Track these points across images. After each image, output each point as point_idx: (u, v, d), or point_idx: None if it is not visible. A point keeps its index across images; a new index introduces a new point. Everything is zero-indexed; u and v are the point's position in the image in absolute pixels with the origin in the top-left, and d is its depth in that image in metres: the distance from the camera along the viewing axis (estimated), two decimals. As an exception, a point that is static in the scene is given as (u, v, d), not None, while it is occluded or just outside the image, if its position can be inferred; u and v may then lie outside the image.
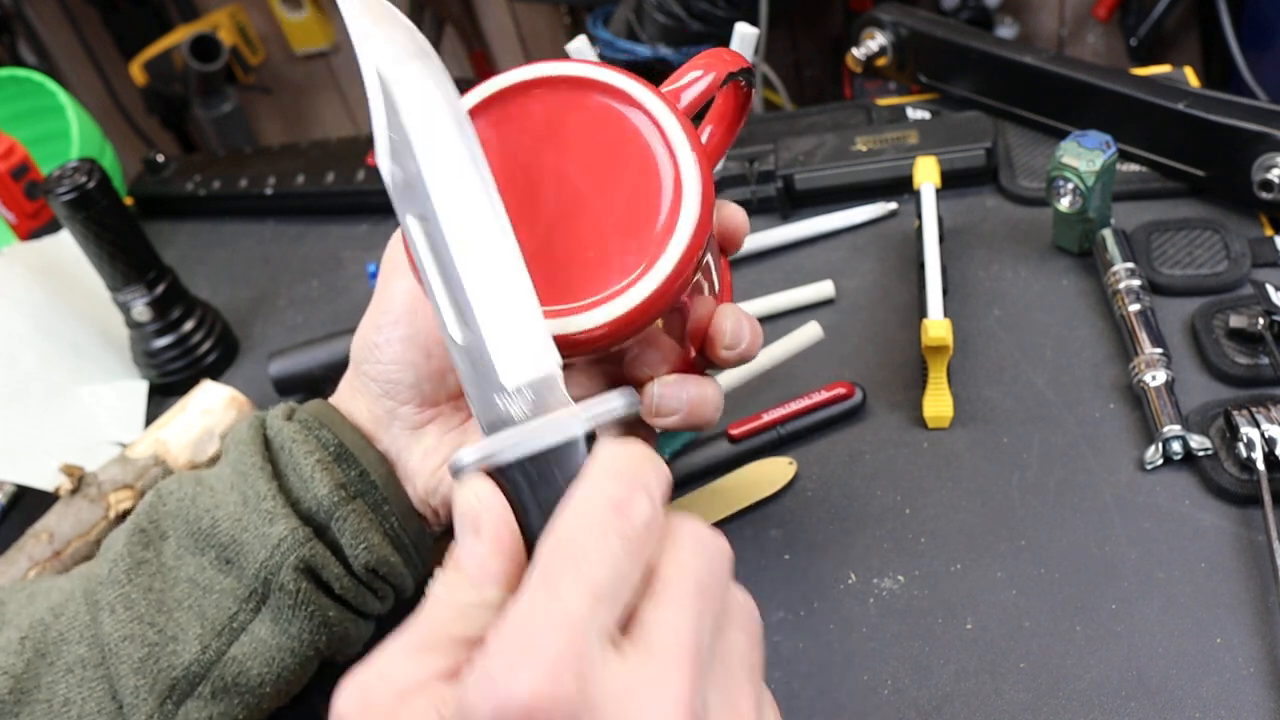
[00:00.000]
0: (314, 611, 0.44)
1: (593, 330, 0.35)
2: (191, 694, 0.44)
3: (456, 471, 0.31)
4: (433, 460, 0.46)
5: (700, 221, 0.36)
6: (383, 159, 0.35)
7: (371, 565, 0.45)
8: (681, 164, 0.37)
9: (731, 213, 0.45)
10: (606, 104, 0.38)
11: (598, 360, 0.38)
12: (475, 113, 0.38)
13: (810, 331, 0.60)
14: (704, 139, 0.46)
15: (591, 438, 0.31)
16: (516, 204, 0.36)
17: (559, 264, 0.36)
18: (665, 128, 0.37)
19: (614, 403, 0.32)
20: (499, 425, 0.32)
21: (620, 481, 0.29)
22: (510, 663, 0.25)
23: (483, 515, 0.30)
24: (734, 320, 0.42)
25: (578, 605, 0.26)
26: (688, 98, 0.40)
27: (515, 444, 0.31)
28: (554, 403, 0.32)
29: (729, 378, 0.60)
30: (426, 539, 0.48)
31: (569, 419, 0.31)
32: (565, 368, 0.37)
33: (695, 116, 0.41)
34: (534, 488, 0.31)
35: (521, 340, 0.33)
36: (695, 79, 0.40)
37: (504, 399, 0.32)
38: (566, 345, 0.36)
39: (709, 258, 0.42)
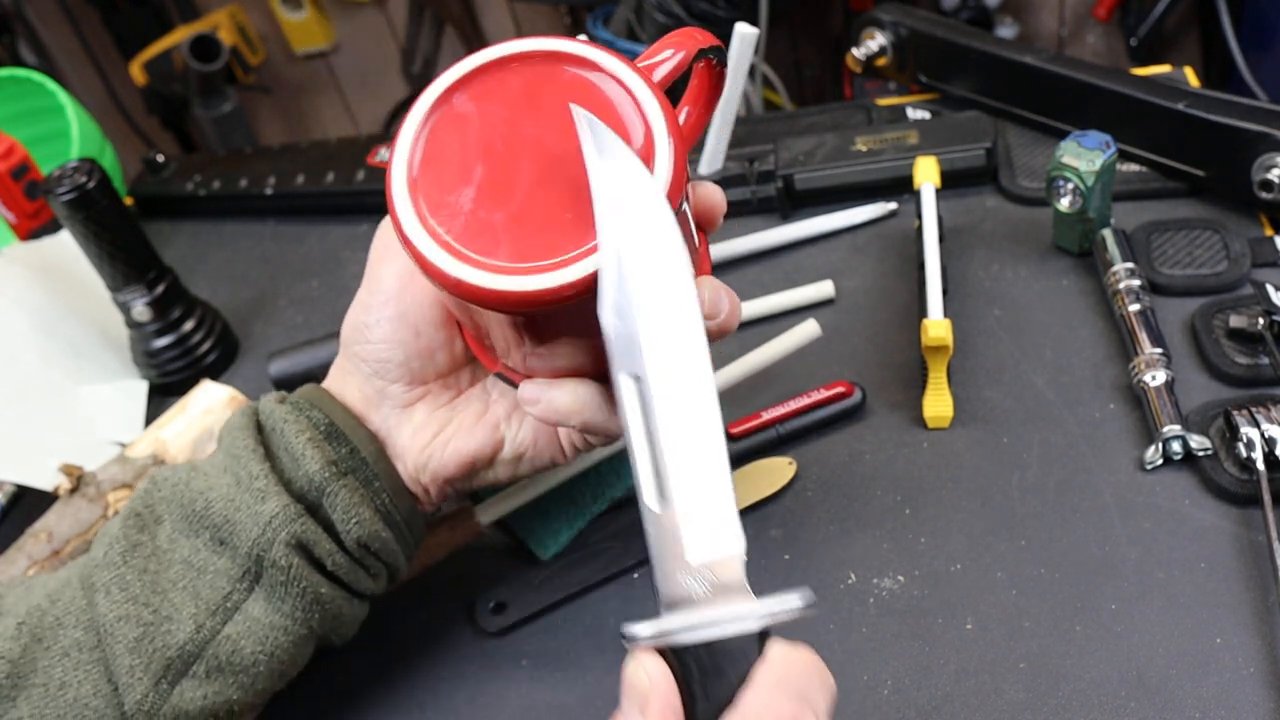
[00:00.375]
0: (306, 588, 0.45)
1: (571, 283, 0.37)
2: (186, 673, 0.44)
3: (630, 641, 0.32)
4: (422, 437, 0.47)
5: (673, 180, 0.38)
6: (606, 311, 0.35)
7: (363, 541, 0.46)
8: (653, 127, 0.39)
9: (709, 191, 0.46)
10: (580, 75, 0.40)
11: (580, 335, 0.39)
12: (457, 88, 0.40)
13: (808, 329, 0.60)
14: (681, 121, 0.47)
15: (765, 632, 0.32)
16: (498, 171, 0.39)
17: (539, 225, 0.38)
18: (637, 95, 0.39)
19: (792, 603, 0.32)
20: (678, 603, 0.32)
21: (791, 699, 0.29)
22: None
23: (652, 696, 0.30)
24: (711, 289, 0.43)
25: None
26: (660, 74, 0.42)
27: (691, 629, 0.31)
28: (733, 587, 0.33)
29: (726, 375, 0.60)
30: (418, 517, 0.49)
31: (747, 613, 0.32)
32: (551, 331, 0.39)
33: (672, 95, 0.42)
34: (703, 674, 0.31)
35: (713, 520, 0.33)
36: (667, 56, 0.43)
37: (686, 576, 0.33)
38: (546, 298, 0.37)
39: (686, 233, 0.43)
